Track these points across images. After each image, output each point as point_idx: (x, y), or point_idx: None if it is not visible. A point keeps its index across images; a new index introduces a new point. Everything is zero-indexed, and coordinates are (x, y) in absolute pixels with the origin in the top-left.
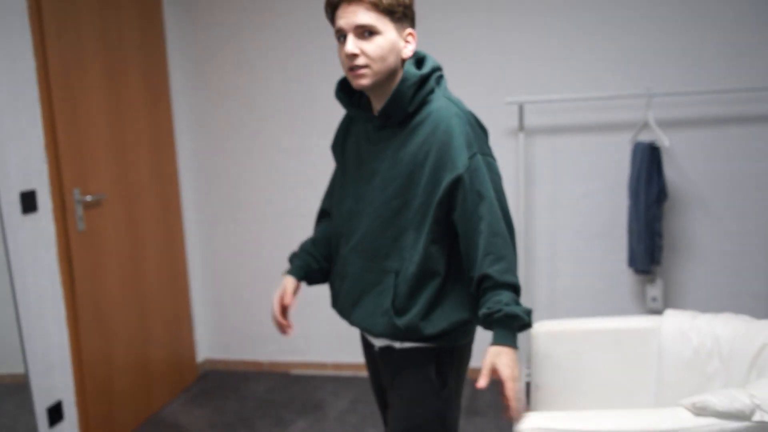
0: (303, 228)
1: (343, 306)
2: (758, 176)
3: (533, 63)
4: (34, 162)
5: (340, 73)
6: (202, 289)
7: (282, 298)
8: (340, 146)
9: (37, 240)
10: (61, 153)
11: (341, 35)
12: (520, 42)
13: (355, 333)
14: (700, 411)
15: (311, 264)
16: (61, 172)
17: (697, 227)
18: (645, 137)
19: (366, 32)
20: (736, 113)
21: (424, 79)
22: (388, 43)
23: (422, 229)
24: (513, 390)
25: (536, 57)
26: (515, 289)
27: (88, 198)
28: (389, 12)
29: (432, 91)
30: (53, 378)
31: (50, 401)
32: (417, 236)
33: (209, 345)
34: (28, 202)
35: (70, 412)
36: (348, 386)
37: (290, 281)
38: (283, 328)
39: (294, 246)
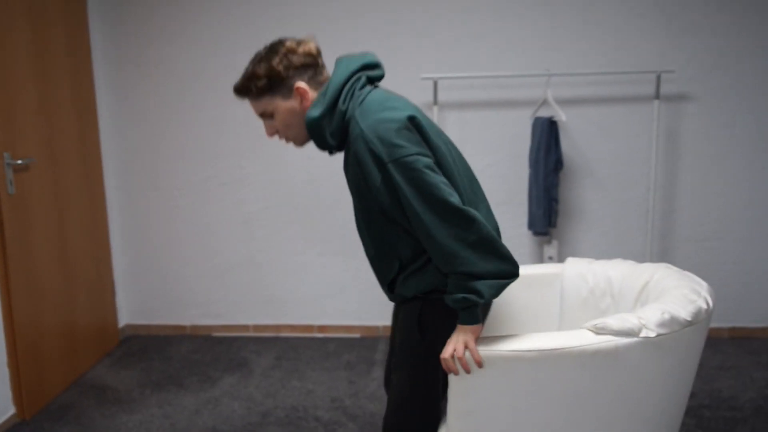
0: (223, 196)
1: None
2: (638, 150)
3: (447, 44)
4: None
5: (258, 42)
6: (123, 256)
7: None
8: None
9: None
10: None
11: None
12: (435, 24)
13: (273, 296)
14: (600, 330)
15: None
16: None
17: (588, 194)
18: (544, 113)
19: (267, 117)
20: (621, 93)
21: (327, 115)
22: (285, 115)
23: (373, 223)
24: (450, 362)
25: (449, 38)
26: (461, 274)
27: (19, 162)
28: (265, 91)
29: (344, 115)
30: None
31: None
32: (374, 228)
33: (130, 311)
34: None
35: (2, 372)
36: (270, 345)
37: None
38: None
39: (215, 214)
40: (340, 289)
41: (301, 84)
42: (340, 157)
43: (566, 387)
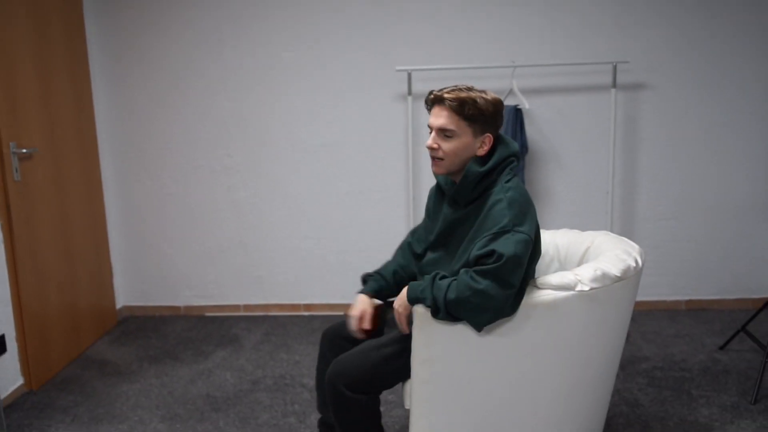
0: (213, 183)
1: None
2: (599, 136)
3: (420, 37)
4: None
5: (248, 39)
6: (119, 240)
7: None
8: (431, 201)
9: None
10: None
11: (430, 129)
12: (408, 19)
13: (262, 277)
14: (541, 285)
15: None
16: None
17: (553, 177)
18: (510, 102)
19: (445, 134)
20: (581, 83)
21: (486, 174)
22: (462, 145)
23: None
24: (399, 315)
25: (422, 32)
26: (437, 299)
27: (23, 151)
28: (470, 119)
29: (494, 183)
30: None
31: None
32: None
33: (127, 292)
34: None
35: (11, 345)
36: (259, 323)
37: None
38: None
39: (206, 200)
40: (324, 271)
41: (491, 136)
42: (324, 146)
43: (513, 336)
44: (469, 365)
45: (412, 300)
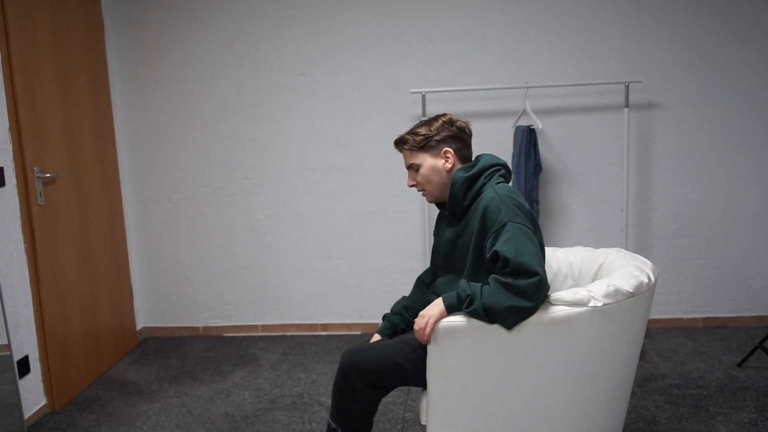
0: (231, 205)
1: None
2: (613, 154)
3: (434, 60)
4: (0, 142)
5: (263, 62)
6: (139, 262)
7: None
8: (435, 231)
9: (5, 211)
10: (23, 134)
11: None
12: (423, 42)
13: (279, 298)
14: (555, 301)
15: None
16: (23, 151)
17: (567, 196)
18: (524, 122)
19: (413, 169)
20: (594, 102)
21: (473, 179)
22: (429, 169)
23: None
24: (419, 325)
25: (436, 55)
26: (467, 298)
27: (47, 175)
28: (421, 147)
29: (483, 186)
30: (20, 334)
31: (19, 355)
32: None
33: (146, 314)
34: None
35: (35, 366)
36: (277, 343)
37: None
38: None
39: (224, 222)
40: (341, 290)
41: (450, 149)
42: (341, 168)
43: (526, 351)
44: (484, 380)
45: (450, 306)
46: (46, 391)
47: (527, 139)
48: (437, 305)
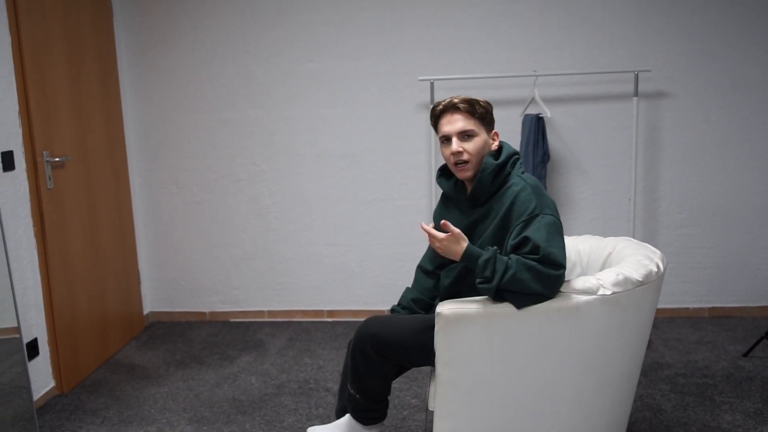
0: (239, 191)
1: None
2: (621, 144)
3: (442, 48)
4: (10, 126)
5: (271, 51)
6: (147, 247)
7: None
8: (438, 214)
9: (15, 195)
10: (32, 118)
11: (445, 138)
12: (432, 30)
13: (286, 284)
14: (564, 289)
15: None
16: (33, 135)
17: (575, 185)
18: (532, 110)
19: (466, 135)
20: (603, 91)
21: (501, 167)
22: (482, 142)
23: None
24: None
25: (445, 43)
26: (486, 271)
27: (56, 159)
28: (481, 118)
29: (509, 174)
30: (30, 317)
31: (28, 338)
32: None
33: (154, 298)
34: (8, 161)
35: (44, 349)
36: (283, 329)
37: None
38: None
39: (231, 208)
40: (347, 277)
41: (497, 132)
42: (347, 155)
43: (535, 339)
44: (493, 367)
45: (469, 260)
46: (55, 374)
47: (535, 128)
48: (459, 251)
